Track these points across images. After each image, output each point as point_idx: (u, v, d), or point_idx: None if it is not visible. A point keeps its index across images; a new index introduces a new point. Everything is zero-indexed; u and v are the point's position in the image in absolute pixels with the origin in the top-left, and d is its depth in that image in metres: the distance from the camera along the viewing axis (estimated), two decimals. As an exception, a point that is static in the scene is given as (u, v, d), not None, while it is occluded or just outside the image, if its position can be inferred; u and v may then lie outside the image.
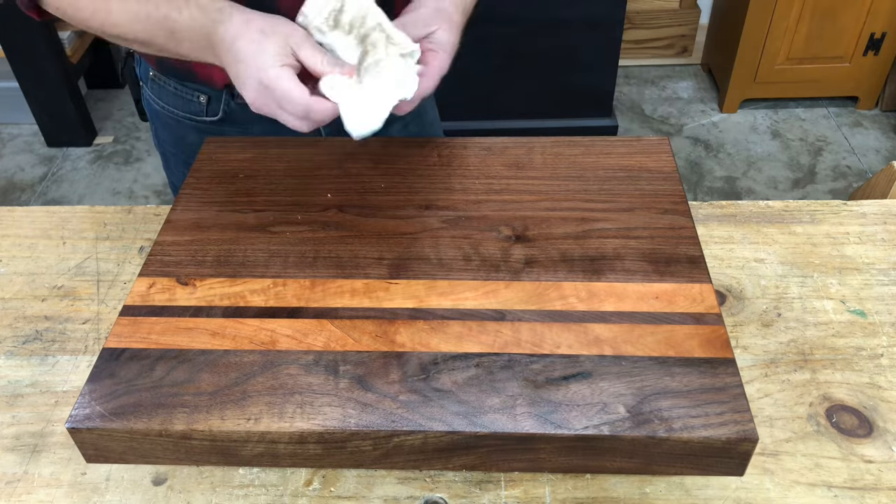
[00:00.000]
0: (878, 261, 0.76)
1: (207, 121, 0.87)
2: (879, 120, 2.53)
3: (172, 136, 0.91)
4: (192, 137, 0.89)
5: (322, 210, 0.69)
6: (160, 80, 0.87)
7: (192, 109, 0.87)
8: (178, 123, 0.89)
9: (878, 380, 0.65)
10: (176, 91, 0.87)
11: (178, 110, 0.88)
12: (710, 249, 0.78)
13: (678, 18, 2.68)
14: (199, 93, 0.85)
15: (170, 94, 0.87)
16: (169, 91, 0.87)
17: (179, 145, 0.92)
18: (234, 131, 0.87)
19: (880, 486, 0.58)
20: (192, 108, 0.87)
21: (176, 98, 0.87)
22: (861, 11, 2.29)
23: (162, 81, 0.87)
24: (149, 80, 0.89)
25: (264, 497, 0.58)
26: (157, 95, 0.89)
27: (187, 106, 0.87)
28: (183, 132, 0.89)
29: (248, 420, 0.51)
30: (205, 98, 0.85)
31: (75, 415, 0.52)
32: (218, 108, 0.86)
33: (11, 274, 0.78)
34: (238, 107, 0.86)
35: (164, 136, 0.93)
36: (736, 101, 2.55)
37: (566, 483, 0.58)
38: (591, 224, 0.67)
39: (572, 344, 0.56)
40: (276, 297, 0.60)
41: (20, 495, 0.59)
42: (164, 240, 0.66)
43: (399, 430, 0.51)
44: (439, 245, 0.65)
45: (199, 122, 0.88)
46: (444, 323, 0.58)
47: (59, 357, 0.69)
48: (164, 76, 0.87)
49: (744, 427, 0.50)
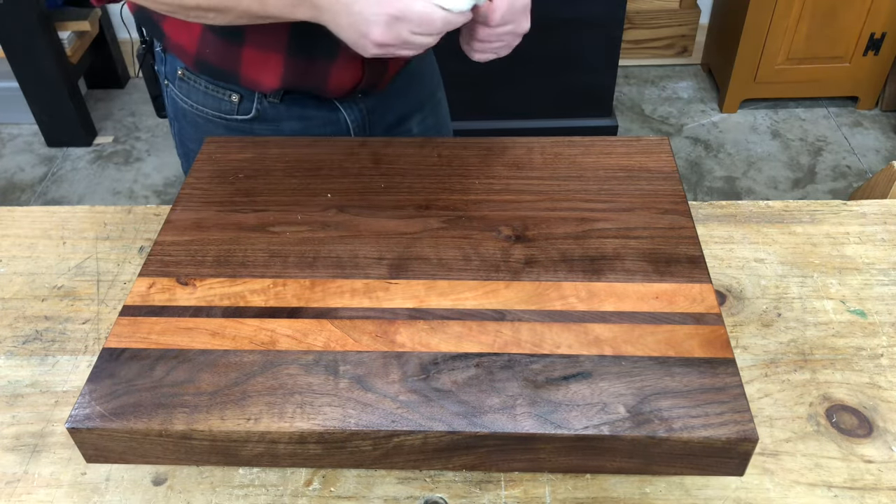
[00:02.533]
0: (878, 261, 0.76)
1: (239, 119, 0.87)
2: (879, 120, 2.53)
3: (200, 134, 0.91)
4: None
5: (322, 210, 0.69)
6: (190, 79, 0.87)
7: (223, 108, 0.87)
8: (206, 122, 0.89)
9: (878, 380, 0.65)
10: (207, 90, 0.87)
11: (208, 109, 0.88)
12: (710, 249, 0.78)
13: (678, 18, 2.68)
14: (232, 92, 0.85)
15: (200, 92, 0.87)
16: (199, 90, 0.87)
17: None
18: (265, 130, 0.88)
19: (880, 486, 0.58)
20: (224, 106, 0.87)
21: (206, 97, 0.87)
22: (861, 11, 2.29)
23: (192, 80, 0.87)
24: (176, 79, 0.89)
25: (264, 497, 0.58)
26: (186, 94, 0.89)
27: (218, 105, 0.87)
28: (212, 131, 0.90)
29: (248, 420, 0.51)
30: (237, 97, 0.86)
31: (75, 415, 0.52)
32: (250, 107, 0.86)
33: (11, 274, 0.78)
34: (269, 105, 0.86)
35: (189, 134, 0.93)
36: (736, 101, 2.55)
37: (566, 483, 0.58)
38: (591, 224, 0.67)
39: (572, 344, 0.56)
40: (276, 297, 0.60)
41: (20, 495, 0.59)
42: (164, 240, 0.66)
43: (399, 430, 0.51)
44: (439, 245, 0.65)
45: (230, 120, 0.88)
46: (444, 323, 0.58)
47: (59, 357, 0.69)
48: (194, 75, 0.86)
49: (744, 427, 0.50)
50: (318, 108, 0.88)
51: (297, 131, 0.88)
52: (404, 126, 0.98)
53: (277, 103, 0.86)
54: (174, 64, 0.88)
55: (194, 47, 0.82)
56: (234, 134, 0.88)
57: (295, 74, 0.82)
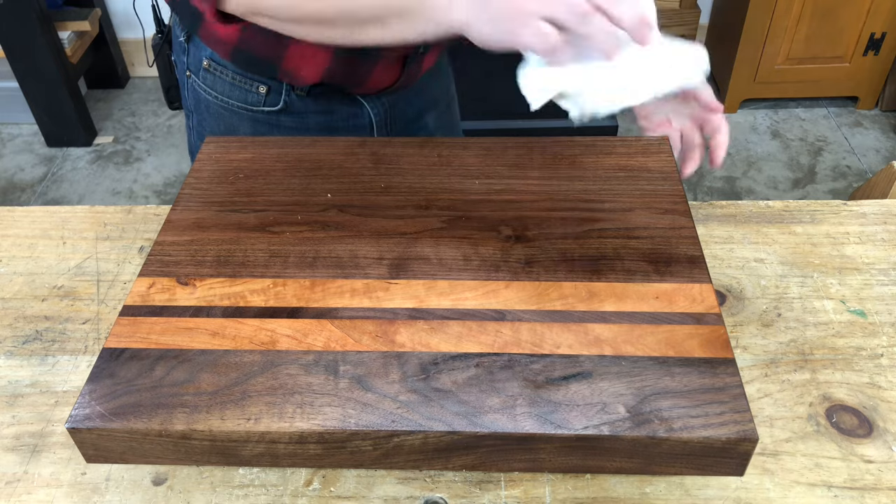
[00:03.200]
0: (878, 261, 0.76)
1: (266, 111, 0.87)
2: (879, 120, 2.53)
3: (223, 126, 0.91)
4: (245, 128, 0.89)
5: (322, 210, 0.69)
6: (216, 70, 0.86)
7: (249, 100, 0.86)
8: (231, 113, 0.89)
9: (878, 380, 0.65)
10: (234, 81, 0.86)
11: (233, 100, 0.87)
12: (710, 249, 0.78)
13: (678, 18, 2.68)
14: (260, 83, 0.85)
15: (226, 83, 0.86)
16: (225, 80, 0.86)
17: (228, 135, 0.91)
18: (290, 121, 0.88)
19: (880, 486, 0.58)
20: (251, 98, 0.86)
21: (233, 88, 0.86)
22: (861, 11, 2.29)
23: (218, 71, 0.86)
24: (200, 70, 0.87)
25: (264, 497, 0.58)
26: (210, 85, 0.88)
27: (244, 96, 0.86)
28: (236, 122, 0.89)
29: (248, 420, 0.51)
30: (265, 88, 0.85)
31: (75, 415, 0.52)
32: (278, 100, 0.86)
33: (11, 274, 0.78)
34: (297, 98, 0.86)
35: (210, 126, 0.92)
36: (736, 101, 2.55)
37: (566, 483, 0.58)
38: (591, 224, 0.67)
39: (572, 344, 0.56)
40: (276, 297, 0.60)
41: (20, 495, 0.59)
42: (164, 240, 0.66)
43: (399, 430, 0.51)
44: (439, 245, 0.65)
45: (256, 111, 0.87)
46: (444, 323, 0.58)
47: (59, 357, 0.69)
48: (221, 65, 0.85)
49: (744, 427, 0.50)
50: (342, 102, 0.88)
51: (321, 124, 0.88)
52: (422, 121, 0.98)
53: (304, 96, 0.86)
54: (199, 54, 0.87)
55: (236, 35, 0.80)
56: (260, 126, 0.87)
57: (337, 71, 0.82)
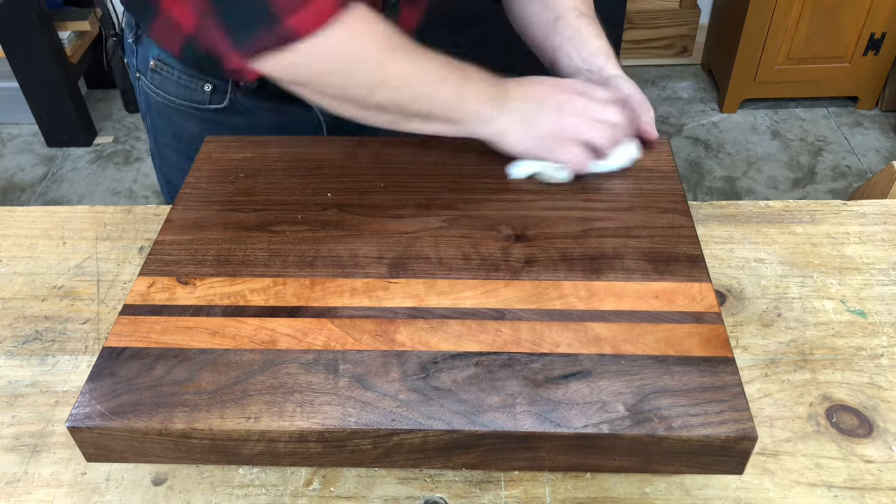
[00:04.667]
0: (878, 261, 0.76)
1: (211, 109, 0.87)
2: (879, 120, 2.53)
3: (171, 126, 0.91)
4: (192, 127, 0.89)
5: (322, 209, 0.69)
6: (162, 70, 0.87)
7: (195, 98, 0.87)
8: (178, 113, 0.89)
9: (878, 380, 0.65)
10: (180, 80, 0.86)
11: (180, 99, 0.88)
12: (710, 249, 0.78)
13: (678, 18, 2.68)
14: (205, 82, 0.85)
15: (172, 83, 0.87)
16: (171, 80, 0.87)
17: (178, 136, 0.92)
18: (237, 121, 0.87)
19: (880, 486, 0.58)
20: (196, 96, 0.87)
21: (179, 87, 0.87)
22: (861, 11, 2.29)
23: (164, 71, 0.86)
24: (148, 71, 0.88)
25: (264, 497, 0.58)
26: (158, 86, 0.88)
27: (190, 95, 0.87)
28: (183, 122, 0.89)
29: (248, 419, 0.51)
30: (209, 87, 0.85)
31: (75, 414, 0.52)
32: (224, 98, 0.86)
33: (11, 274, 0.78)
34: (243, 96, 0.86)
35: (161, 127, 0.93)
36: (736, 101, 2.55)
37: (566, 483, 0.58)
38: (590, 223, 0.67)
39: (572, 343, 0.56)
40: (276, 296, 0.60)
41: (20, 495, 0.59)
42: (164, 239, 0.66)
43: (399, 428, 0.51)
44: (439, 244, 0.65)
45: (203, 110, 0.87)
46: (443, 322, 0.58)
47: (59, 357, 0.69)
48: (167, 65, 0.86)
49: (743, 426, 0.50)
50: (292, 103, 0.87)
51: (273, 124, 0.87)
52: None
53: (251, 94, 0.85)
54: (146, 54, 0.87)
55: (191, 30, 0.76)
56: (207, 125, 0.87)
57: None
